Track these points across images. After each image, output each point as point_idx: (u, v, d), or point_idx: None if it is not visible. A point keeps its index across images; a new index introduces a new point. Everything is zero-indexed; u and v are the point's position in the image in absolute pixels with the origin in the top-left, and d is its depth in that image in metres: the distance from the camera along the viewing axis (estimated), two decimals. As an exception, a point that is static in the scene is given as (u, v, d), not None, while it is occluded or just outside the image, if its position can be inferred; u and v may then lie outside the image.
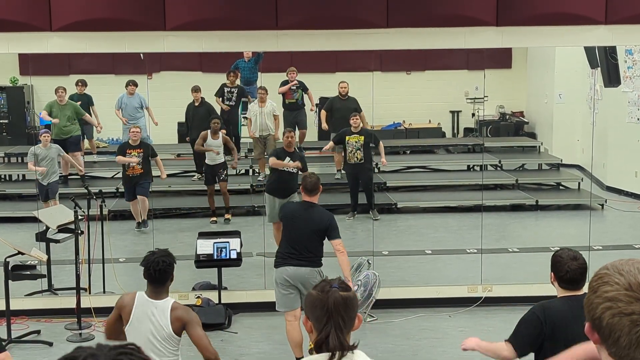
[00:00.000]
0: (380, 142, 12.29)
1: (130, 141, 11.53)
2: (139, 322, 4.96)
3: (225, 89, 13.40)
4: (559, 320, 4.23)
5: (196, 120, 13.00)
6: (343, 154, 12.31)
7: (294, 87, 13.48)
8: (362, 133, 12.03)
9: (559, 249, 4.60)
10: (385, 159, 12.35)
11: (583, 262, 4.36)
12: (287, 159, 9.94)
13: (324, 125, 13.39)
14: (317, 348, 2.93)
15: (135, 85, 13.16)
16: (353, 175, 12.19)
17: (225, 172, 12.09)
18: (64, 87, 12.81)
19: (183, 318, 4.92)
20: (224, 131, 12.30)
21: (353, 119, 12.00)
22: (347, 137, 12.00)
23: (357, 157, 11.98)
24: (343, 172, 12.81)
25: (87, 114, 12.94)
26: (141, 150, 11.48)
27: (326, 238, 7.13)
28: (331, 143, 12.44)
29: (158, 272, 4.90)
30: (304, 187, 7.17)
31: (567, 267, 4.32)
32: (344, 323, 2.91)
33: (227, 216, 12.11)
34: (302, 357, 7.03)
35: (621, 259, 1.99)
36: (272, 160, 10.09)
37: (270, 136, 12.87)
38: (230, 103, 13.36)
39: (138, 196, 11.55)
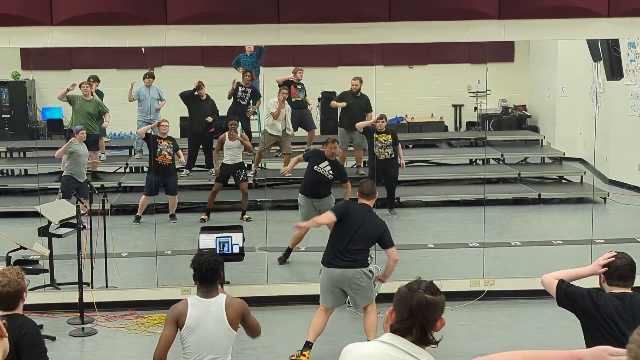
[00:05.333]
0: (399, 144, 12.37)
1: (159, 133, 11.72)
2: (194, 323, 5.00)
3: (240, 89, 13.32)
4: (607, 309, 4.35)
5: (201, 114, 12.99)
6: (369, 150, 12.32)
7: (300, 87, 13.44)
8: (388, 132, 12.14)
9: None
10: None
11: (631, 260, 4.54)
12: (325, 163, 10.00)
13: (335, 104, 13.40)
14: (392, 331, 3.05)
15: (152, 77, 13.17)
16: (383, 170, 12.11)
17: (244, 171, 12.06)
18: (89, 82, 12.72)
19: (240, 311, 5.09)
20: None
21: (380, 122, 12.01)
22: (375, 135, 12.07)
23: (387, 153, 12.09)
24: (366, 167, 12.81)
25: (108, 113, 12.75)
26: (170, 142, 11.80)
27: (377, 244, 7.37)
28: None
29: (210, 271, 5.01)
30: (361, 191, 7.42)
31: (617, 264, 4.47)
32: (426, 322, 3.02)
33: (246, 217, 11.87)
34: (313, 343, 7.27)
35: None
36: (294, 160, 10.60)
37: (285, 138, 12.90)
38: (243, 103, 13.32)
39: (168, 196, 11.92)
